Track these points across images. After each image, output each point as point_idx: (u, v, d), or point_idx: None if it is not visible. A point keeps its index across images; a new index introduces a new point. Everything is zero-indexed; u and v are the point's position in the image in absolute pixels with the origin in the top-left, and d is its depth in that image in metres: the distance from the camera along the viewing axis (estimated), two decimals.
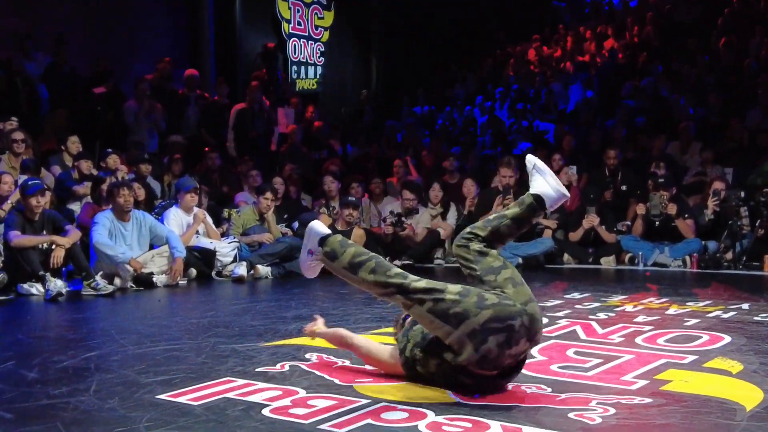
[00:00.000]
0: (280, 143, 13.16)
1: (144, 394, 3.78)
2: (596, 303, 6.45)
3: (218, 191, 10.88)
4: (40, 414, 3.49)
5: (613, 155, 10.73)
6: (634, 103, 14.04)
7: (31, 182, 7.54)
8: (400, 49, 18.89)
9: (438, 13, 18.65)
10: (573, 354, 4.55)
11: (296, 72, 16.99)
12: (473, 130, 15.47)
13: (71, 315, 6.51)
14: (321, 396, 3.67)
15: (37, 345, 5.16)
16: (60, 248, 7.34)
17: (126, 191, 7.93)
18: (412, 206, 10.05)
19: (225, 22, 15.73)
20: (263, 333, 5.26)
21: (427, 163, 12.63)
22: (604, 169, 10.82)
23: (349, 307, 6.49)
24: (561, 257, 9.77)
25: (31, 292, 7.20)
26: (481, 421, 3.27)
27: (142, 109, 11.65)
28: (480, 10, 19.02)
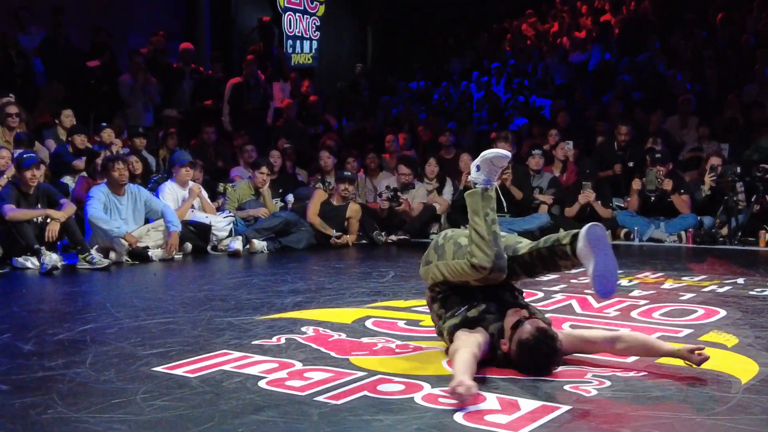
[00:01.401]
0: (275, 118, 13.11)
1: (140, 366, 3.78)
2: None
3: (213, 165, 10.85)
4: (37, 386, 3.50)
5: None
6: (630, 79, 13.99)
7: (27, 155, 7.50)
8: (396, 23, 18.77)
9: None
10: (569, 328, 4.55)
11: (291, 46, 16.86)
12: (469, 105, 15.41)
13: (67, 288, 6.51)
14: (317, 369, 3.67)
15: (32, 318, 5.15)
16: (55, 222, 7.31)
17: (121, 165, 7.89)
18: (408, 181, 10.03)
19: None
20: (259, 307, 5.27)
21: (423, 138, 12.58)
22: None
23: (344, 281, 6.49)
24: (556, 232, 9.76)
25: (26, 265, 7.19)
26: (478, 393, 3.27)
27: (137, 83, 11.58)
28: None
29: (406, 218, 9.83)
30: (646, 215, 9.47)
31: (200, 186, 9.02)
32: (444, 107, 15.37)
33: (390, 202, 9.75)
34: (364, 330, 4.54)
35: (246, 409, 3.15)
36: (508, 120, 13.90)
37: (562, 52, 16.26)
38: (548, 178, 10.15)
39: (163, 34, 13.15)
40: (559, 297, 5.53)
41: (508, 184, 9.57)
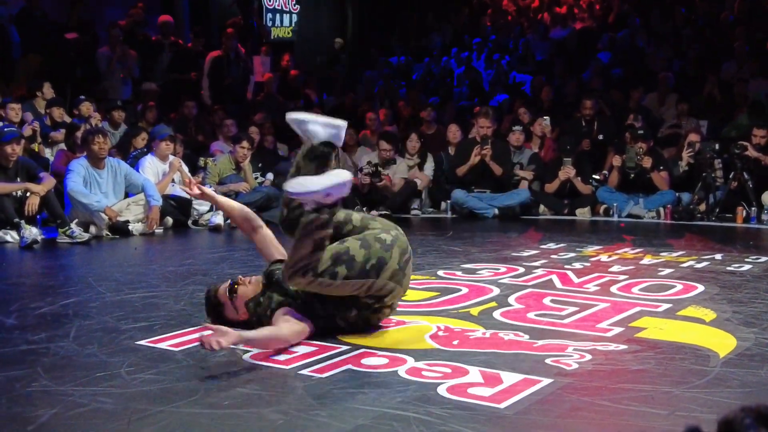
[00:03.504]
0: (256, 92, 13.03)
1: (124, 340, 3.79)
2: (572, 253, 6.52)
3: (194, 140, 10.78)
4: (20, 359, 3.50)
5: (589, 105, 10.76)
6: (610, 55, 14.03)
7: (7, 129, 7.42)
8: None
9: None
10: (549, 302, 4.61)
11: (271, 20, 16.72)
12: (450, 80, 15.39)
13: (47, 262, 6.48)
14: (302, 342, 3.69)
15: (14, 291, 5.13)
16: (35, 196, 7.25)
17: (101, 138, 7.82)
18: (389, 156, 10.02)
19: None
20: None
21: (404, 114, 12.56)
22: (580, 120, 10.85)
23: None
24: (537, 208, 9.82)
25: (5, 239, 7.12)
26: (460, 366, 3.32)
27: (115, 56, 11.46)
28: None
29: (387, 194, 9.84)
30: (625, 191, 9.54)
31: (180, 160, 8.97)
32: (425, 83, 15.34)
33: (371, 178, 9.74)
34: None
35: (231, 382, 3.17)
36: (489, 96, 13.90)
37: (542, 28, 16.25)
38: (528, 154, 10.19)
39: (142, 6, 13.00)
40: (540, 272, 5.57)
41: (487, 160, 9.60)
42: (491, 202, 9.61)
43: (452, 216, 9.79)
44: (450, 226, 8.93)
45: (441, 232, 8.33)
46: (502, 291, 4.91)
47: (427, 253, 6.57)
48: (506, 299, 4.68)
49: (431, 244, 7.24)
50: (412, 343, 3.72)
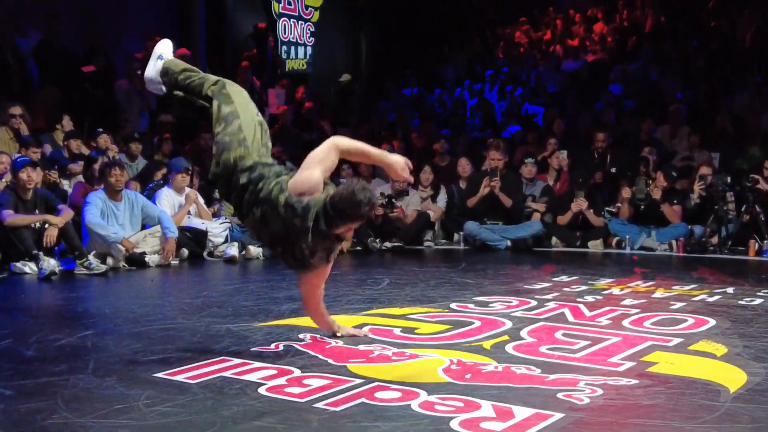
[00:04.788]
0: (270, 124, 13.13)
1: (141, 372, 3.85)
2: (584, 286, 6.55)
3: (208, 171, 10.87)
4: (41, 391, 3.56)
5: (601, 138, 10.83)
6: (622, 87, 14.13)
7: (20, 159, 7.56)
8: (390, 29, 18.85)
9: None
10: (561, 336, 4.64)
11: (286, 52, 16.92)
12: (462, 112, 15.51)
13: (65, 294, 6.56)
14: (315, 375, 3.75)
15: (33, 323, 5.21)
16: (53, 227, 7.36)
17: (117, 171, 7.94)
18: (402, 188, 10.10)
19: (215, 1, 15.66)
20: (256, 313, 5.33)
21: (417, 145, 12.65)
22: (593, 152, 10.91)
23: (341, 288, 6.55)
24: (549, 240, 9.87)
25: (24, 270, 7.23)
26: (472, 400, 3.36)
27: (133, 88, 11.63)
28: None
29: (400, 225, 9.90)
30: (637, 224, 9.57)
31: (197, 192, 9.08)
32: (437, 114, 15.46)
33: (384, 209, 9.82)
34: (360, 337, 4.61)
35: (247, 415, 3.22)
36: (502, 127, 14.00)
37: (555, 60, 16.38)
38: (541, 186, 10.25)
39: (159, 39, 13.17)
40: (552, 305, 5.61)
41: (496, 191, 9.66)
42: (504, 234, 9.66)
43: (465, 248, 9.84)
44: (463, 258, 8.98)
45: (454, 264, 8.37)
46: (515, 324, 4.95)
47: (440, 285, 6.62)
48: (519, 332, 4.72)
49: (444, 276, 7.29)
50: (424, 377, 3.77)
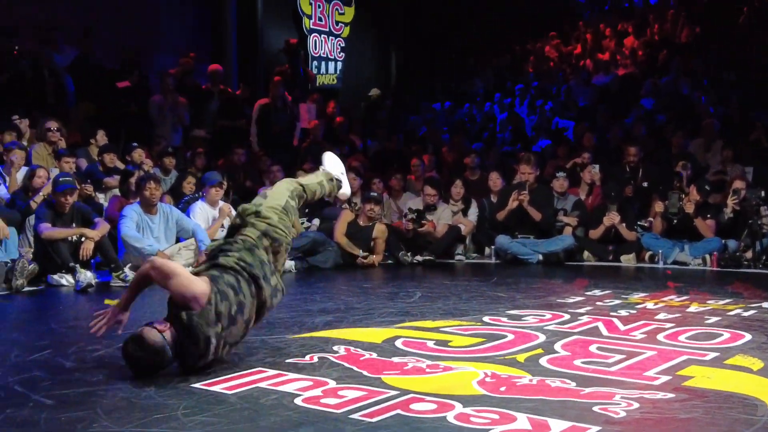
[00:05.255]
0: (302, 138, 13.27)
1: (179, 382, 3.90)
2: (617, 300, 6.52)
3: (242, 185, 11.00)
4: (80, 400, 3.62)
5: (633, 152, 10.78)
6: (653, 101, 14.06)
7: (62, 179, 7.68)
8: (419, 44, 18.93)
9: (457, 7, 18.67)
10: (596, 350, 4.63)
11: (316, 67, 17.07)
12: (492, 126, 15.52)
13: (102, 306, 6.62)
14: (350, 387, 3.78)
15: (71, 334, 5.30)
16: (89, 240, 7.49)
17: (153, 185, 8.06)
18: (432, 202, 10.12)
19: (247, 17, 15.84)
20: (291, 326, 5.37)
21: (448, 159, 12.68)
22: (624, 166, 10.86)
23: (373, 301, 6.59)
24: (581, 254, 9.83)
25: (61, 283, 7.35)
26: (508, 413, 3.37)
27: (167, 104, 11.79)
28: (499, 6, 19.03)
29: (431, 239, 9.92)
30: (670, 238, 9.51)
31: (230, 206, 9.17)
32: (467, 128, 15.49)
33: (413, 224, 9.85)
34: (394, 350, 4.63)
35: (284, 425, 3.26)
36: (532, 141, 13.99)
37: (585, 75, 16.35)
38: (572, 200, 10.22)
39: (193, 55, 13.37)
40: (585, 319, 5.59)
41: (525, 205, 9.65)
42: (535, 248, 9.65)
43: (496, 262, 9.83)
44: (494, 272, 8.98)
45: (485, 278, 8.37)
46: (548, 338, 4.95)
47: (472, 299, 6.63)
48: (552, 346, 4.71)
49: (476, 289, 7.29)
50: (459, 389, 3.78)
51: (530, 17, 19.39)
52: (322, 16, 17.31)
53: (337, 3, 17.65)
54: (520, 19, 19.43)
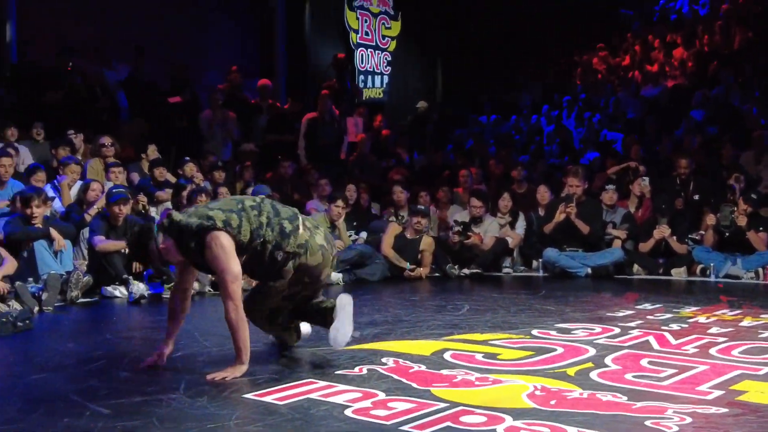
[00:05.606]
0: (349, 152, 13.36)
1: (231, 393, 3.96)
2: (668, 314, 6.45)
3: (290, 199, 11.10)
4: (136, 410, 3.69)
5: (684, 164, 10.64)
6: (703, 113, 13.89)
7: (115, 191, 7.85)
8: (466, 57, 18.95)
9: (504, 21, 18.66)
10: (647, 364, 4.59)
11: (363, 81, 17.20)
12: (539, 139, 15.46)
13: (154, 317, 6.75)
14: (400, 399, 3.80)
15: (125, 345, 5.40)
16: None
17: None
18: (478, 214, 10.11)
19: (295, 32, 16.05)
20: None
21: (495, 172, 12.66)
22: (675, 179, 10.74)
23: (421, 314, 6.60)
24: (630, 268, 9.73)
25: (114, 294, 7.49)
26: (559, 426, 3.36)
27: (216, 119, 11.97)
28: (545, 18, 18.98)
29: (478, 252, 9.90)
30: (722, 251, 9.37)
31: None
32: (514, 141, 15.45)
33: (459, 236, 9.84)
34: (442, 362, 4.64)
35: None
36: (580, 154, 13.90)
37: (633, 86, 16.21)
38: (622, 213, 10.13)
39: (240, 71, 13.55)
40: (636, 333, 5.54)
41: (572, 218, 9.58)
42: (584, 261, 9.58)
43: (544, 275, 9.77)
44: (542, 285, 8.92)
45: (533, 291, 8.33)
46: (598, 351, 4.91)
47: (521, 312, 6.61)
48: (603, 360, 4.68)
49: (524, 303, 7.26)
50: (509, 402, 3.77)
51: (577, 29, 19.30)
52: (369, 30, 17.45)
53: (383, 17, 17.78)
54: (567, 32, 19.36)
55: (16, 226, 7.28)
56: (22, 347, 5.33)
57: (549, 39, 19.12)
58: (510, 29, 18.66)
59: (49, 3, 13.03)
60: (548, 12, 18.71)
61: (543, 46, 19.15)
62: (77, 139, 10.11)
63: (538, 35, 18.91)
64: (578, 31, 19.25)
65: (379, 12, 17.66)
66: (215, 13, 15.45)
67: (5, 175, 8.31)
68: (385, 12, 17.83)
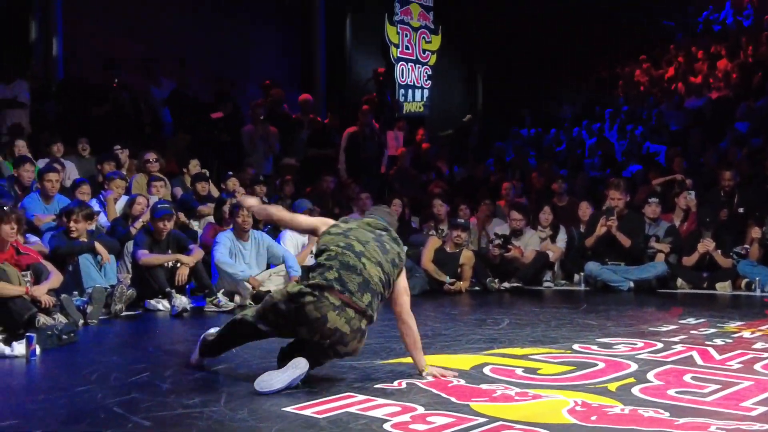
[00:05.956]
0: (389, 165, 13.40)
1: (271, 406, 3.98)
2: (712, 329, 6.35)
3: (331, 212, 11.14)
4: (177, 422, 3.74)
5: (729, 177, 10.50)
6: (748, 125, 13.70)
7: (160, 206, 7.95)
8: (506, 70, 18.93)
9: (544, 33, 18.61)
10: (690, 379, 4.53)
11: (403, 95, 17.26)
12: (580, 152, 15.36)
13: (196, 330, 6.77)
14: (439, 413, 3.79)
15: (167, 357, 5.46)
16: (185, 266, 7.73)
17: (245, 212, 8.24)
18: (519, 227, 10.06)
19: (336, 47, 16.18)
20: (379, 351, 5.41)
21: (536, 185, 12.61)
22: (719, 191, 10.59)
23: (461, 328, 6.58)
24: (674, 282, 9.60)
25: (157, 307, 7.58)
26: None
27: (258, 133, 12.09)
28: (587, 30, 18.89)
29: (518, 265, 9.85)
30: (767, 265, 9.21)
31: None
32: (554, 154, 15.37)
33: (499, 249, 9.80)
34: (482, 376, 4.63)
35: None
36: (622, 167, 13.78)
37: (677, 98, 16.05)
38: (665, 226, 10.00)
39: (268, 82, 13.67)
40: (679, 348, 5.47)
41: (614, 231, 9.49)
42: (626, 275, 9.48)
43: (586, 289, 9.68)
44: (584, 299, 8.85)
45: (575, 305, 8.26)
46: (641, 366, 4.86)
47: (562, 327, 6.56)
48: (645, 375, 4.62)
49: (565, 317, 7.20)
50: (549, 417, 3.75)
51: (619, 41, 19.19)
52: (409, 44, 17.52)
53: (424, 31, 17.84)
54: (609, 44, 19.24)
55: (61, 240, 7.42)
56: (67, 360, 5.41)
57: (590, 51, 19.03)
58: (551, 42, 18.60)
59: (94, 19, 13.31)
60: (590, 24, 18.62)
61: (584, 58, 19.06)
62: (122, 154, 10.27)
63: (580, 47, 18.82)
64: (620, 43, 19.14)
65: (419, 26, 17.73)
66: (257, 28, 15.65)
67: (52, 190, 8.45)
68: (425, 26, 17.89)
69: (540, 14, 18.40)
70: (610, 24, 18.88)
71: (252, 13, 15.49)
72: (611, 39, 19.16)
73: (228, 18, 15.03)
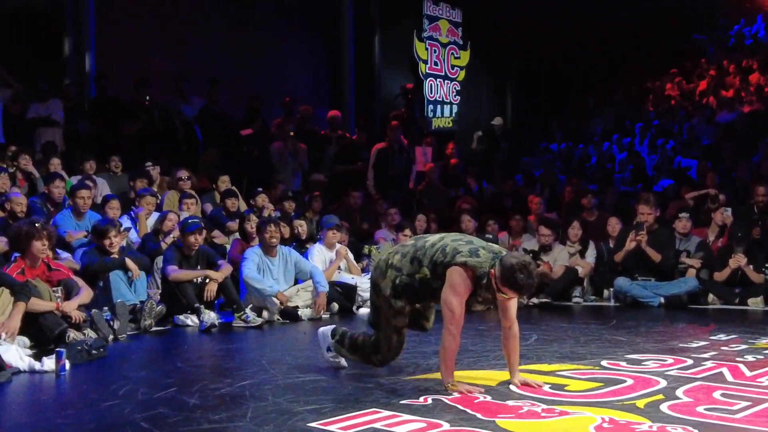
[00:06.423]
0: (417, 181, 13.41)
1: (297, 421, 3.99)
2: (744, 345, 6.26)
3: (359, 228, 11.18)
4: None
5: (762, 192, 10.37)
6: None
7: (191, 221, 8.02)
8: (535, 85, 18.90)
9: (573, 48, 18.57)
10: (720, 396, 4.47)
11: (432, 111, 17.29)
12: (610, 166, 15.26)
13: (224, 345, 6.86)
14: (465, 430, 3.79)
15: (195, 373, 5.49)
16: (213, 282, 7.77)
17: (273, 228, 8.29)
18: (547, 242, 9.99)
19: (364, 63, 16.26)
20: (405, 367, 5.40)
21: (565, 200, 12.53)
22: (752, 206, 10.47)
23: (488, 343, 6.54)
24: (705, 297, 9.48)
25: (186, 323, 7.63)
26: None
27: (287, 149, 12.16)
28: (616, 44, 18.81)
29: (547, 281, 9.78)
30: None
31: (347, 248, 9.34)
32: (584, 168, 15.28)
33: None
34: (509, 393, 4.60)
35: None
36: (653, 181, 13.67)
37: (708, 112, 15.91)
38: (696, 241, 9.89)
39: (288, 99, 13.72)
40: (709, 365, 5.40)
41: (643, 246, 9.40)
42: (656, 291, 9.37)
43: (615, 304, 9.59)
44: (613, 315, 8.75)
45: (604, 321, 8.17)
46: (670, 383, 4.80)
47: (590, 342, 6.50)
48: (674, 392, 4.57)
49: (594, 333, 7.14)
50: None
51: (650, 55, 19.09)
52: (438, 60, 17.57)
53: (452, 47, 17.88)
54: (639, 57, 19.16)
55: (93, 257, 7.49)
56: (96, 375, 5.46)
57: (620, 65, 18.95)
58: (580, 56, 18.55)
59: (126, 37, 13.51)
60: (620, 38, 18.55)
61: (614, 72, 18.98)
62: (154, 171, 10.38)
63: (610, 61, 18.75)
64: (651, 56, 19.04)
65: (448, 42, 17.77)
66: (287, 46, 15.78)
67: (84, 207, 8.55)
68: (454, 42, 17.94)
69: (569, 29, 18.36)
70: (641, 38, 18.78)
71: (281, 31, 15.64)
72: (642, 53, 19.07)
73: (258, 36, 15.19)
